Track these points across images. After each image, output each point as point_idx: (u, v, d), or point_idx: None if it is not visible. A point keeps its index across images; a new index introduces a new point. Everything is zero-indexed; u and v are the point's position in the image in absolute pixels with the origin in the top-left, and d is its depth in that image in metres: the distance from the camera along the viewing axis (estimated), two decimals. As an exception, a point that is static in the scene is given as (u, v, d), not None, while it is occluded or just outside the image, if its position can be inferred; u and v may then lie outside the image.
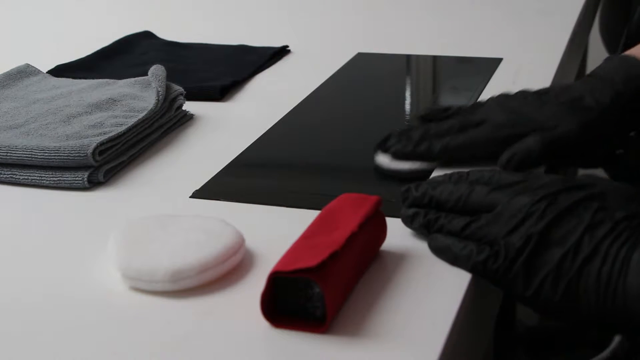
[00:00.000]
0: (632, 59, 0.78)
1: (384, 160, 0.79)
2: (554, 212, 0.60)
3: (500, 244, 0.60)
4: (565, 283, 0.58)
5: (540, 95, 0.77)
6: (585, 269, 0.57)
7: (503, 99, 0.78)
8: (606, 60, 0.80)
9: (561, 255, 0.58)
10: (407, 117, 0.88)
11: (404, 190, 0.67)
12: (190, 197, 0.75)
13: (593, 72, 0.79)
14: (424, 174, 0.76)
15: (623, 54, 0.79)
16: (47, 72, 1.03)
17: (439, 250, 0.63)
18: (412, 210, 0.66)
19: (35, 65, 1.00)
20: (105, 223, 0.71)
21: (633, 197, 0.61)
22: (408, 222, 0.66)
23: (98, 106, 0.87)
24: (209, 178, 0.78)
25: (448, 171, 0.69)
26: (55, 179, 0.77)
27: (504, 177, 0.65)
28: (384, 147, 0.79)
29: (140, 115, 0.84)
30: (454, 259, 0.62)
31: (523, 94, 0.78)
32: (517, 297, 0.60)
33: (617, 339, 1.44)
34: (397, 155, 0.77)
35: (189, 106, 0.94)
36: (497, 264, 0.60)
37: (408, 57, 1.16)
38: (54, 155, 0.77)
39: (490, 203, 0.63)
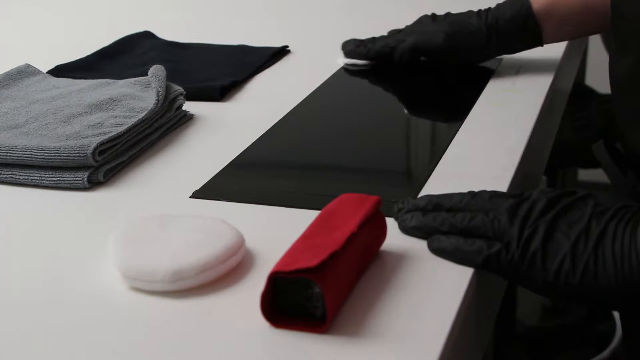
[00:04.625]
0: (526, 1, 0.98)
1: (340, 60, 1.10)
2: (559, 206, 0.62)
3: (510, 235, 0.61)
4: (583, 263, 0.60)
5: (446, 15, 1.03)
6: (600, 248, 0.60)
7: (415, 24, 1.05)
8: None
9: (575, 238, 0.60)
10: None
11: (399, 202, 0.68)
12: (190, 197, 0.75)
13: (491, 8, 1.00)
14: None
15: None
16: (47, 72, 1.03)
17: (442, 251, 0.63)
18: (410, 213, 0.66)
19: (35, 65, 1.00)
20: (105, 223, 0.71)
21: (623, 198, 0.64)
22: (406, 221, 0.66)
23: (98, 106, 0.87)
24: (209, 178, 0.78)
25: None
26: (55, 179, 0.77)
27: (504, 193, 0.67)
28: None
29: (140, 116, 0.84)
30: (461, 257, 0.62)
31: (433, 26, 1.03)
32: (535, 285, 0.61)
33: (617, 338, 1.44)
34: (350, 55, 1.09)
35: (189, 106, 0.94)
36: (510, 254, 0.61)
37: (408, 57, 1.15)
38: (54, 156, 0.77)
39: (493, 206, 0.64)
